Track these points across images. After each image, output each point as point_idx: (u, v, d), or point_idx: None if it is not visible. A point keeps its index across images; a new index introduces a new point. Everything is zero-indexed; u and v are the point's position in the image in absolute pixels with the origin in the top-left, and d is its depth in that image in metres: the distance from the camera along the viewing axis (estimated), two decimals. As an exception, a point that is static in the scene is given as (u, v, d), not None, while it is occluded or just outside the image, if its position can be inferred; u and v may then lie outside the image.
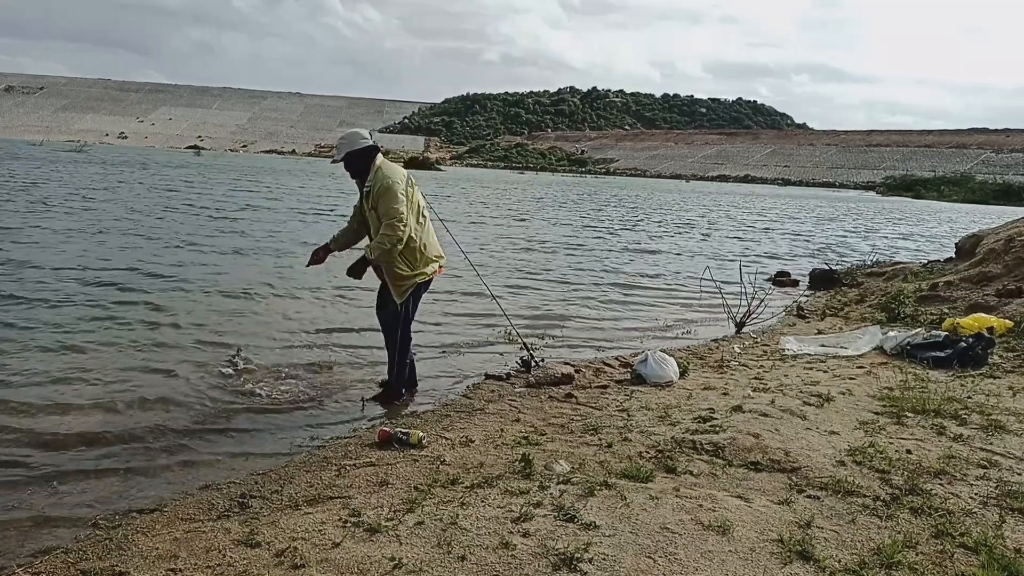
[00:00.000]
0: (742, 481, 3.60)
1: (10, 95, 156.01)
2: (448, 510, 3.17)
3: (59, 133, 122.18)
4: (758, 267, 12.98)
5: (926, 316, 8.04)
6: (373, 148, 4.66)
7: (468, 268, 6.45)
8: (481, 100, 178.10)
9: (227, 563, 2.74)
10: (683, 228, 22.83)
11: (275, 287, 8.89)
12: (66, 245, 11.03)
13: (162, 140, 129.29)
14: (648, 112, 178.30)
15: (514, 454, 3.87)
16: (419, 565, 2.72)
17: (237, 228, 15.07)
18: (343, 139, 4.69)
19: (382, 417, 4.77)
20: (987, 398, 5.11)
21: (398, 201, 4.51)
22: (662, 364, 5.55)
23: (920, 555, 2.89)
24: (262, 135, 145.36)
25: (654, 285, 11.32)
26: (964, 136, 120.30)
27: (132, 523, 3.14)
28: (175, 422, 4.49)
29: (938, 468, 3.76)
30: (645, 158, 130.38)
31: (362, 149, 4.62)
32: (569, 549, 2.81)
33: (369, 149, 4.64)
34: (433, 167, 76.01)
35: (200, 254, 11.14)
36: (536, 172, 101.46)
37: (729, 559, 2.83)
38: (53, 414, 4.48)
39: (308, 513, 3.18)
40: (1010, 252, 9.22)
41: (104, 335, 6.28)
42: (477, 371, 5.86)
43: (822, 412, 4.76)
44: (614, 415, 4.71)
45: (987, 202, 62.77)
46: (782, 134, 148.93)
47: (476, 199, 32.00)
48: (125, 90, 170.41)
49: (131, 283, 8.53)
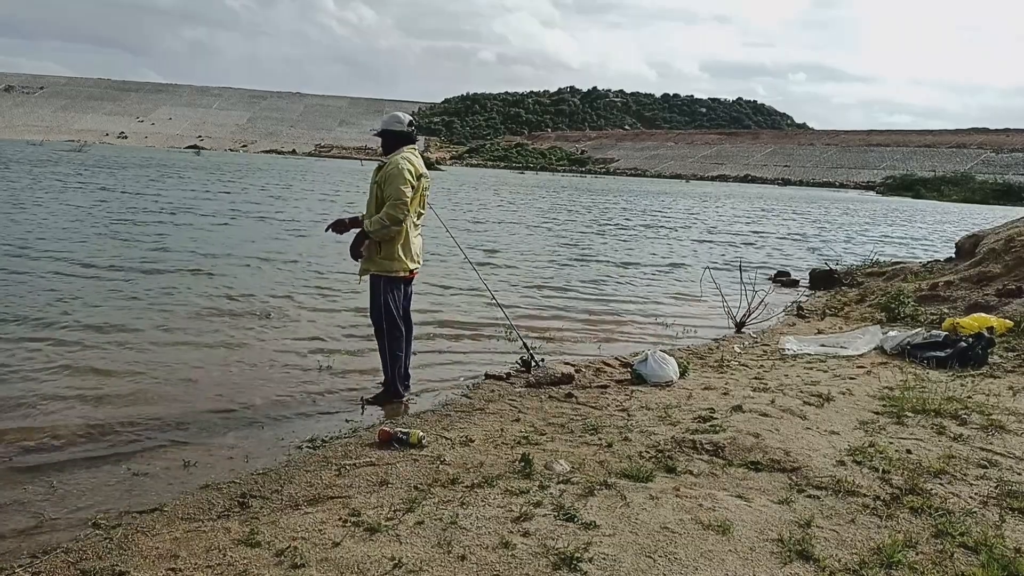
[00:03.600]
0: (742, 481, 3.60)
1: (10, 95, 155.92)
2: (448, 510, 3.17)
3: (59, 133, 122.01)
4: (758, 267, 12.98)
5: (926, 316, 8.04)
6: (406, 136, 4.96)
7: (468, 268, 6.45)
8: (481, 100, 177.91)
9: (227, 563, 2.74)
10: (683, 228, 22.81)
11: (276, 287, 8.89)
12: (52, 239, 11.04)
13: (162, 140, 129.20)
14: (648, 112, 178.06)
15: (514, 454, 3.87)
16: (419, 565, 2.72)
17: (236, 227, 15.09)
18: (386, 118, 5.06)
19: (382, 417, 4.77)
20: (987, 398, 5.11)
21: (407, 185, 4.69)
22: (662, 364, 5.55)
23: (920, 555, 2.89)
24: (262, 135, 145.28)
25: (654, 285, 11.32)
26: (964, 136, 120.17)
27: (132, 523, 3.14)
28: (175, 422, 4.49)
29: (938, 468, 3.76)
30: (645, 158, 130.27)
31: (394, 131, 4.94)
32: (569, 549, 2.81)
33: (401, 134, 4.94)
34: (433, 167, 76.04)
35: (198, 254, 11.15)
36: (536, 172, 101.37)
37: (729, 559, 2.83)
38: (52, 414, 4.48)
39: (308, 513, 3.18)
40: (1010, 252, 9.22)
41: (104, 335, 6.28)
42: (477, 371, 5.86)
43: (822, 412, 4.76)
44: (614, 415, 4.71)
45: (987, 202, 62.68)
46: (782, 134, 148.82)
47: (475, 204, 31.97)
48: (125, 90, 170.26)
49: (130, 283, 8.53)
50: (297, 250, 12.16)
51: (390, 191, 4.69)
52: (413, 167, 4.78)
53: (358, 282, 5.00)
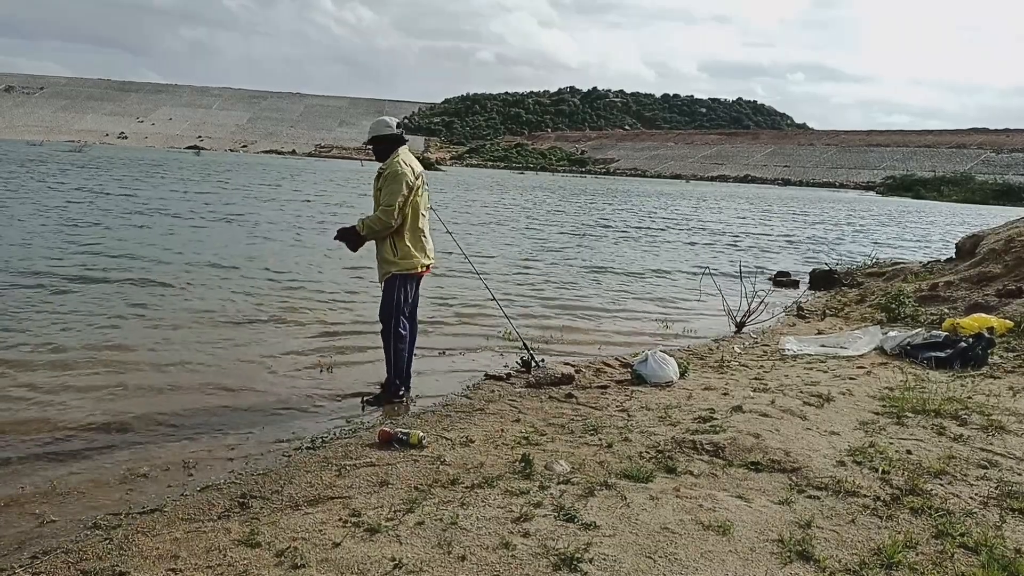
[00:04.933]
0: (742, 481, 3.60)
1: (10, 95, 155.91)
2: (448, 510, 3.17)
3: (59, 133, 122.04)
4: (758, 267, 12.98)
5: (926, 316, 8.04)
6: (396, 138, 4.98)
7: (469, 268, 6.45)
8: (481, 100, 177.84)
9: (227, 563, 2.74)
10: (683, 228, 22.81)
11: (275, 286, 8.89)
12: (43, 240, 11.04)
13: (162, 140, 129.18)
14: (648, 112, 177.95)
15: (514, 454, 3.87)
16: (419, 565, 2.72)
17: (237, 226, 15.09)
18: (372, 125, 5.06)
19: (382, 417, 4.77)
20: (987, 398, 5.11)
21: (400, 192, 4.75)
22: (662, 364, 5.55)
23: (920, 555, 2.89)
24: (262, 135, 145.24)
25: (654, 285, 11.32)
26: (964, 136, 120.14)
27: (132, 523, 3.14)
28: (175, 423, 4.50)
29: (938, 468, 3.76)
30: (645, 158, 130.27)
31: (384, 136, 4.96)
32: (569, 549, 2.81)
33: (391, 137, 4.96)
34: (433, 167, 75.97)
35: (198, 253, 11.15)
36: (536, 172, 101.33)
37: (729, 559, 2.83)
38: (52, 415, 4.48)
39: (308, 513, 3.18)
40: (1010, 252, 9.22)
41: (103, 335, 6.28)
42: (477, 371, 5.86)
43: (822, 412, 4.76)
44: (614, 415, 4.71)
45: (987, 202, 62.66)
46: (782, 134, 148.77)
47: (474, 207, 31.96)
48: (125, 90, 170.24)
49: (128, 282, 8.53)
50: (292, 255, 12.15)
51: (384, 197, 4.79)
52: (411, 169, 4.86)
53: (379, 285, 5.00)
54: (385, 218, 4.76)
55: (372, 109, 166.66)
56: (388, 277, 4.90)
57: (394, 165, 4.82)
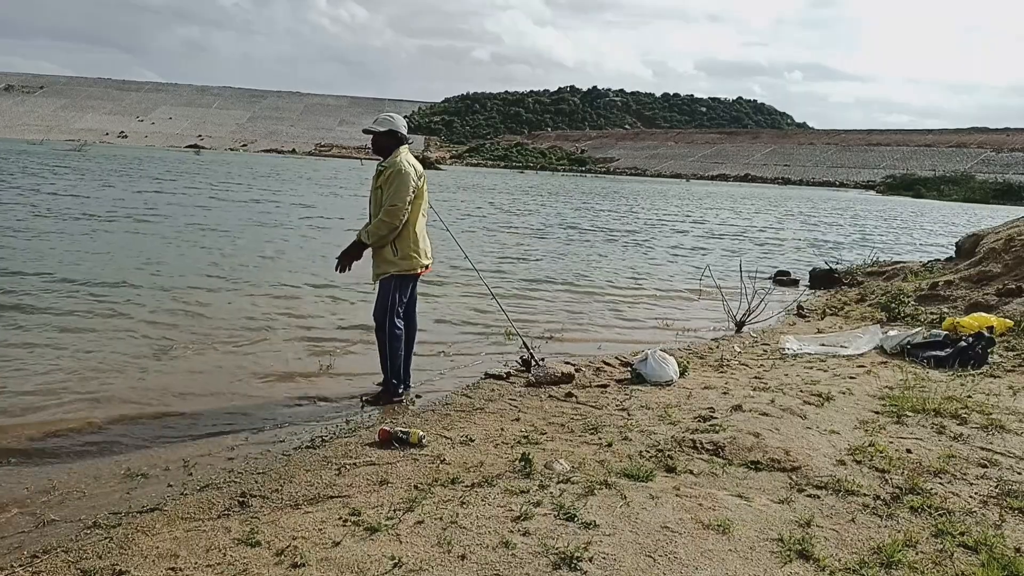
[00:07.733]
0: (742, 480, 3.60)
1: (10, 94, 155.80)
2: (448, 509, 3.17)
3: (60, 132, 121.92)
4: (758, 267, 12.97)
5: (926, 315, 8.05)
6: (402, 138, 4.93)
7: (469, 268, 6.45)
8: (481, 100, 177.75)
9: (227, 562, 2.74)
10: (683, 228, 22.81)
11: (275, 287, 8.89)
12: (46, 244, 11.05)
13: (162, 139, 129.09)
14: (648, 111, 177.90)
15: (514, 453, 3.87)
16: (419, 564, 2.72)
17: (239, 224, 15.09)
18: (386, 118, 4.98)
19: (382, 416, 4.77)
20: (987, 397, 5.11)
21: (407, 191, 4.72)
22: (662, 363, 5.55)
23: (920, 554, 2.89)
24: (262, 134, 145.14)
25: (654, 285, 11.32)
26: (964, 135, 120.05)
27: (132, 522, 3.14)
28: (175, 422, 4.50)
29: (938, 467, 3.77)
30: (645, 157, 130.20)
31: (388, 132, 4.88)
32: (569, 548, 2.81)
33: (399, 137, 4.89)
34: (432, 167, 76.01)
35: (204, 251, 11.15)
36: (536, 171, 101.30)
37: (729, 558, 2.83)
38: (51, 415, 4.48)
39: (308, 512, 3.18)
40: (1010, 251, 9.22)
41: (102, 335, 6.28)
42: (477, 370, 5.86)
43: (822, 411, 4.76)
44: (614, 414, 4.71)
45: (987, 201, 62.65)
46: (782, 133, 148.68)
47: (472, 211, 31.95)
48: (125, 89, 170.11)
49: (127, 281, 8.53)
50: (293, 254, 12.14)
51: (391, 197, 4.72)
52: (415, 170, 4.84)
53: (373, 286, 4.99)
54: (390, 219, 4.71)
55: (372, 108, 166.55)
56: (385, 277, 4.88)
57: (397, 164, 4.78)
